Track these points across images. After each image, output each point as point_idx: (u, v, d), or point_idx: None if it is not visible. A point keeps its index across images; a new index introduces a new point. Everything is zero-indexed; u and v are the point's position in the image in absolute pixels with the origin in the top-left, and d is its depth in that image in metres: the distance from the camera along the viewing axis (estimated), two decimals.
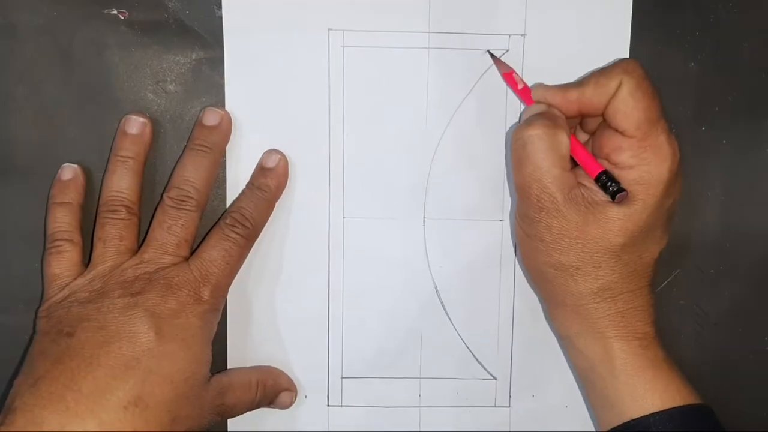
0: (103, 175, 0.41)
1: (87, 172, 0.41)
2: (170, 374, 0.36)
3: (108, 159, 0.41)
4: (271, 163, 0.41)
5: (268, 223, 0.42)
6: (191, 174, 0.40)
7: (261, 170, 0.42)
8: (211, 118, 0.41)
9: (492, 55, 0.42)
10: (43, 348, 0.36)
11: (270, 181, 0.41)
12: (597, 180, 0.38)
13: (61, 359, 0.35)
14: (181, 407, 0.36)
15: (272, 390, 0.42)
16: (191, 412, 0.37)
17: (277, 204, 0.42)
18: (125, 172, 0.40)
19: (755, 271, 0.44)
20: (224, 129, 0.41)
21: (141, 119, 0.41)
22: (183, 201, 0.40)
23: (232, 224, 0.40)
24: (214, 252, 0.39)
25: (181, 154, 0.41)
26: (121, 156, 0.40)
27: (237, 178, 0.42)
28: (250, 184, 0.42)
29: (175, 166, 0.41)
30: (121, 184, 0.40)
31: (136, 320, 0.36)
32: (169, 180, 0.41)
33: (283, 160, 0.42)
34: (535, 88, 0.40)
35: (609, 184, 0.38)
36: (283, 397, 0.42)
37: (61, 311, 0.37)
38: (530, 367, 0.44)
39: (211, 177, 0.41)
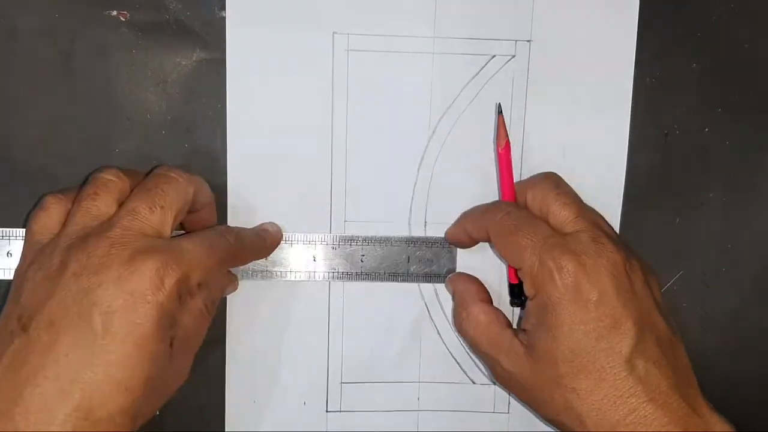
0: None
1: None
2: (122, 381, 0.32)
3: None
4: (272, 227, 0.42)
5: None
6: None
7: (264, 229, 0.42)
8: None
9: (500, 111, 0.41)
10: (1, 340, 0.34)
11: (268, 236, 0.42)
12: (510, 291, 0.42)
13: (11, 367, 0.32)
14: (140, 407, 0.33)
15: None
16: (155, 402, 0.35)
17: (278, 209, 0.42)
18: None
19: (759, 273, 0.44)
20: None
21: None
22: (172, 170, 0.37)
23: (227, 230, 0.39)
24: (195, 237, 0.36)
25: None
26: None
27: (238, 184, 0.42)
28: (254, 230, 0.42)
29: None
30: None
31: (86, 321, 0.32)
32: None
33: (280, 233, 0.42)
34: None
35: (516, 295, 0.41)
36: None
37: (27, 284, 0.34)
38: None
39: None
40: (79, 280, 0.33)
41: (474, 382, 0.44)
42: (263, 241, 0.41)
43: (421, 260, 0.43)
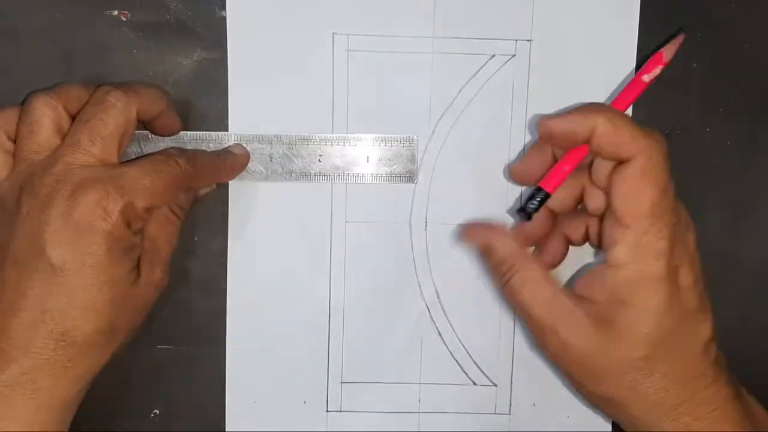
0: None
1: None
2: (88, 306, 0.34)
3: None
4: (238, 149, 0.41)
5: (269, 226, 0.42)
6: None
7: (228, 151, 0.41)
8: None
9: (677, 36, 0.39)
10: None
11: (232, 159, 0.40)
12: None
13: None
14: (116, 324, 0.35)
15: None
16: (134, 315, 0.37)
17: (278, 207, 0.42)
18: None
19: (759, 273, 0.44)
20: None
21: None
22: (110, 93, 0.36)
23: (178, 153, 0.37)
24: (139, 166, 0.35)
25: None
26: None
27: (238, 183, 0.42)
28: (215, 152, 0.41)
29: None
30: None
31: (42, 257, 0.34)
32: None
33: (245, 156, 0.41)
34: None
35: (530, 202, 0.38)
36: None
37: (10, 196, 0.36)
38: (531, 375, 0.44)
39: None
40: (32, 219, 0.34)
41: (475, 384, 0.44)
42: (222, 162, 0.40)
43: (381, 160, 0.42)
